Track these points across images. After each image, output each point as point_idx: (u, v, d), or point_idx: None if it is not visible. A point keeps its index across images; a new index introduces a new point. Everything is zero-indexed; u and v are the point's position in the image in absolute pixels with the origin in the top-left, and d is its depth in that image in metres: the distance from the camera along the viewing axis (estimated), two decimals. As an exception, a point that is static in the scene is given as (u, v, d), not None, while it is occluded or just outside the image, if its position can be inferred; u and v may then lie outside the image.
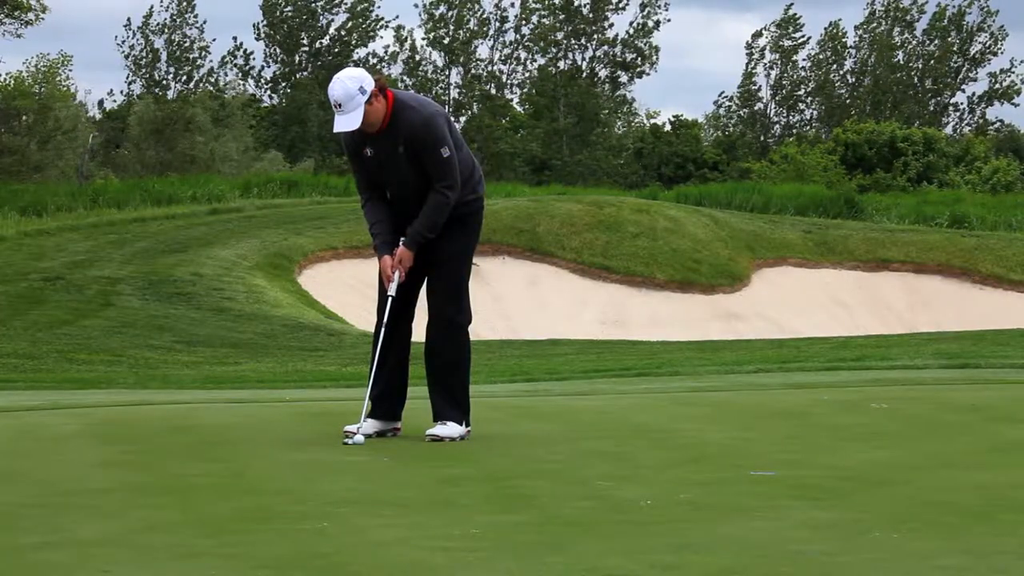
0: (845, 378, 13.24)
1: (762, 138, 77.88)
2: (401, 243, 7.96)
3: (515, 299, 31.78)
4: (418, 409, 8.33)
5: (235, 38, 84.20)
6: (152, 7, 73.41)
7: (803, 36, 78.24)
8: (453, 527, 5.37)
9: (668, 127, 77.90)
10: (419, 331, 8.21)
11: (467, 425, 8.07)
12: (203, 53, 73.23)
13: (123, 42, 72.89)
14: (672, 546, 5.02)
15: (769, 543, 5.06)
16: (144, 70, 72.49)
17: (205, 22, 78.02)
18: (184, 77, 72.75)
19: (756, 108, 78.59)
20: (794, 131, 77.87)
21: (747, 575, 4.61)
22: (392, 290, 7.98)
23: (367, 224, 8.09)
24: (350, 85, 7.75)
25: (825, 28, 79.03)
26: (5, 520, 5.53)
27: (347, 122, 7.77)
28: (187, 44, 72.80)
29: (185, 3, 72.58)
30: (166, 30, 72.46)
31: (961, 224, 40.17)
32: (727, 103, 79.28)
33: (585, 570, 4.64)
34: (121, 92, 76.23)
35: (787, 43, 78.26)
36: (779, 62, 78.16)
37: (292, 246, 30.81)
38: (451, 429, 7.98)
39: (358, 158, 8.02)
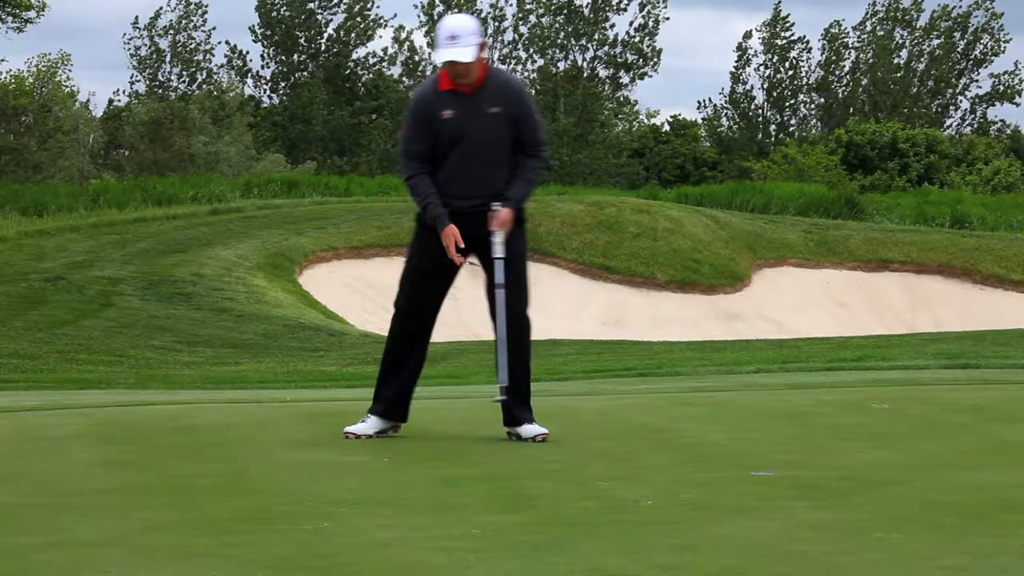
0: (845, 378, 13.24)
1: (759, 136, 77.75)
2: (502, 205, 7.79)
3: (516, 299, 31.74)
4: (419, 409, 8.33)
5: (227, 41, 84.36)
6: (160, 8, 73.55)
7: (792, 35, 78.08)
8: (453, 527, 5.37)
9: (667, 127, 77.82)
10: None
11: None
12: (207, 56, 73.24)
13: (129, 40, 72.94)
14: (672, 546, 5.02)
15: (769, 543, 5.06)
16: (148, 70, 72.48)
17: (215, 28, 77.97)
18: (188, 78, 72.74)
19: (749, 109, 78.30)
20: (791, 131, 77.72)
21: (747, 575, 4.61)
22: (499, 252, 7.80)
23: (418, 196, 7.82)
24: (470, 22, 7.72)
25: (825, 28, 78.91)
26: (5, 520, 5.53)
27: (460, 54, 7.61)
28: (192, 45, 72.79)
29: (193, 5, 72.55)
30: (171, 31, 72.43)
31: (962, 224, 40.18)
32: (713, 104, 79.04)
33: (585, 570, 4.64)
34: (124, 92, 76.30)
35: (779, 42, 78.07)
36: (773, 62, 77.98)
37: (293, 246, 30.80)
38: (534, 429, 7.91)
39: (428, 123, 7.77)
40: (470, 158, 7.80)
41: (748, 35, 78.73)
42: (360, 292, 30.10)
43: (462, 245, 7.77)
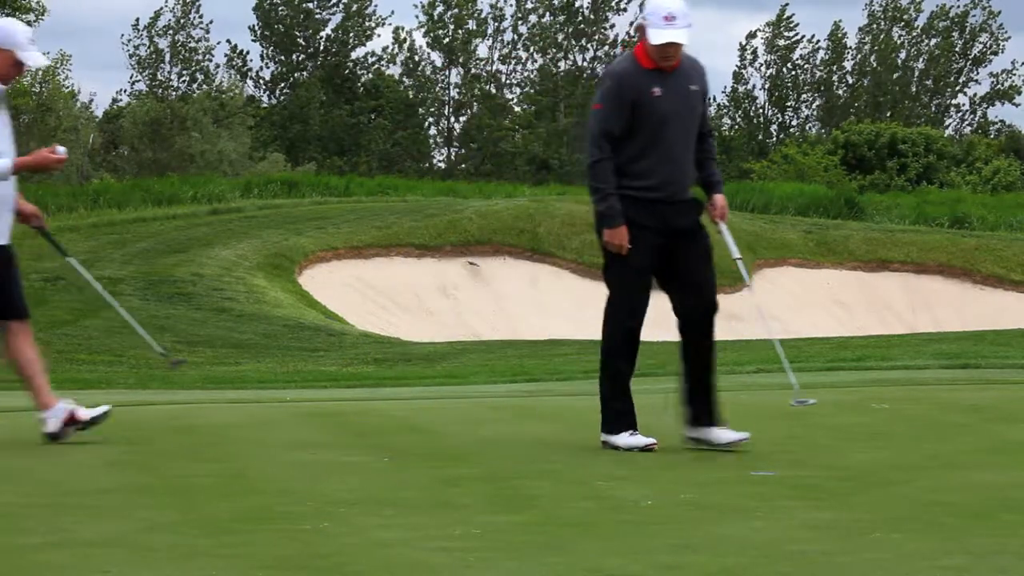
0: (845, 378, 13.24)
1: (760, 136, 77.73)
2: (718, 191, 7.85)
3: (516, 299, 31.77)
4: (419, 409, 8.32)
5: (228, 40, 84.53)
6: (160, 8, 73.55)
7: (796, 35, 78.06)
8: (453, 527, 5.37)
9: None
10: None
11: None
12: (207, 56, 73.21)
13: (128, 41, 72.88)
14: (672, 546, 5.02)
15: (769, 543, 5.06)
16: (147, 71, 72.45)
17: (211, 22, 77.98)
18: (187, 78, 72.71)
19: (750, 109, 78.29)
20: (791, 131, 77.70)
21: (747, 575, 4.61)
22: (736, 252, 7.89)
23: (600, 184, 7.48)
24: (683, 4, 7.56)
25: (830, 29, 78.85)
26: (6, 520, 5.53)
27: (680, 35, 7.51)
28: (192, 45, 72.77)
29: (190, 4, 72.50)
30: (170, 31, 72.40)
31: (961, 224, 40.17)
32: (717, 103, 78.98)
33: (585, 570, 4.64)
34: (126, 92, 76.30)
35: (781, 43, 78.05)
36: (775, 62, 77.96)
37: (292, 246, 30.79)
38: (729, 435, 7.62)
39: (633, 102, 7.50)
40: (677, 138, 7.62)
41: (752, 35, 78.80)
42: (360, 292, 30.10)
43: (628, 246, 7.54)
